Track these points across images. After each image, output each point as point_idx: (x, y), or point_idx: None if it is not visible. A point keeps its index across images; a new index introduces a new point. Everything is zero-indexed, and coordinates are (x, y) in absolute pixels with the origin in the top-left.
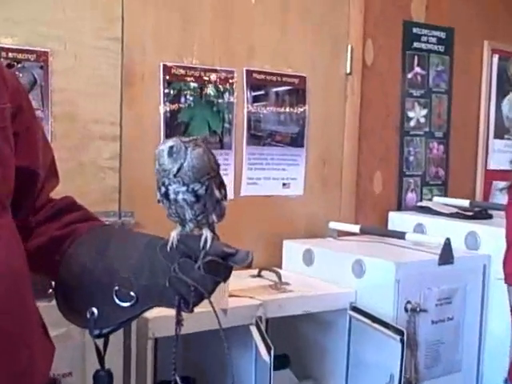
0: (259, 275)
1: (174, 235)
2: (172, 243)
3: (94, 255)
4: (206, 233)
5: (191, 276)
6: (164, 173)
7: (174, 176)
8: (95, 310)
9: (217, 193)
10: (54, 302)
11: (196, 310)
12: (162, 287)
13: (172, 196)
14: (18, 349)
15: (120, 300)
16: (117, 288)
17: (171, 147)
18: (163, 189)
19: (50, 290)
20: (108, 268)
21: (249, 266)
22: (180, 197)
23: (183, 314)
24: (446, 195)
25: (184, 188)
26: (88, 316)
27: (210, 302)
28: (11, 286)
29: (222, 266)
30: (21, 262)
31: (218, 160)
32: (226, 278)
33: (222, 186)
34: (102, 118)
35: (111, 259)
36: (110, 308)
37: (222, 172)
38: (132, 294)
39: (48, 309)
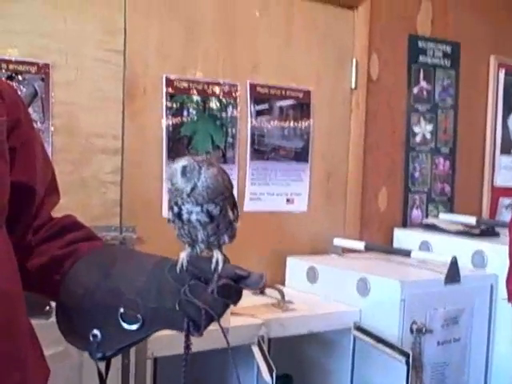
0: (262, 293)
1: (183, 256)
2: (182, 265)
3: (98, 276)
4: (217, 255)
5: (202, 299)
6: (177, 192)
7: (188, 196)
8: (98, 333)
9: (230, 214)
10: (51, 320)
11: None
12: (170, 310)
13: (185, 216)
14: (9, 371)
15: (126, 322)
16: (122, 310)
17: (184, 167)
18: (176, 208)
19: (47, 308)
20: (113, 289)
21: (261, 289)
22: (193, 217)
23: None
24: (452, 212)
25: (198, 208)
26: (91, 339)
27: (220, 326)
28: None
29: (233, 288)
30: (12, 281)
31: (231, 180)
32: (236, 301)
33: (235, 206)
34: (104, 131)
35: (116, 280)
36: (114, 330)
37: None
38: (139, 316)
39: (45, 326)
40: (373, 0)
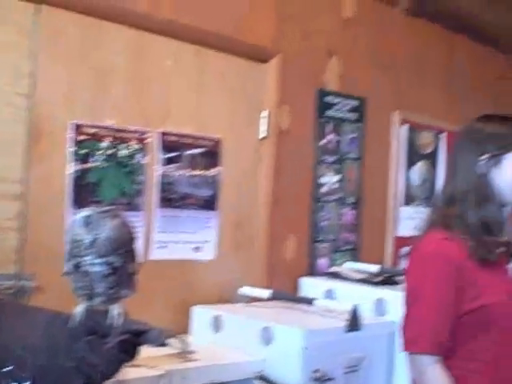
0: (163, 345)
1: (80, 310)
2: (78, 319)
3: None
4: (116, 309)
5: (99, 355)
6: (76, 243)
7: (89, 247)
8: None
9: (131, 266)
10: None
11: None
12: (64, 367)
13: (85, 268)
14: None
15: (14, 381)
16: (11, 368)
17: (87, 217)
18: (74, 260)
19: None
20: (1, 346)
21: (163, 345)
22: (94, 269)
23: None
24: (358, 261)
25: (99, 260)
26: None
27: (117, 381)
28: None
29: (131, 344)
30: None
31: (135, 232)
32: (134, 356)
33: (135, 259)
34: (5, 176)
35: (5, 337)
36: None
37: None
38: (26, 375)
39: None
40: (283, 54)
